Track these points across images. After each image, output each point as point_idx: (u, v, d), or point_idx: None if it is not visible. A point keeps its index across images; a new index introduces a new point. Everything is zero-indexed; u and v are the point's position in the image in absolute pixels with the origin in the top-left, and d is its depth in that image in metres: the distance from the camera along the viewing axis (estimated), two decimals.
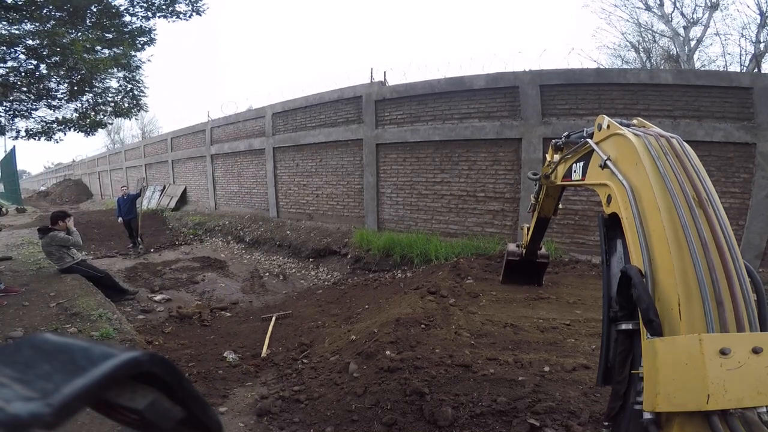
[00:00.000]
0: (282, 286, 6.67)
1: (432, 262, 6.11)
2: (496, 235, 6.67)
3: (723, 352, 0.87)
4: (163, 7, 6.63)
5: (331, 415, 2.30)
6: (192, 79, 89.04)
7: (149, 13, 6.70)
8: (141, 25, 6.89)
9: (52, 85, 6.92)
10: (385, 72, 8.31)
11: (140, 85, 7.62)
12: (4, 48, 5.98)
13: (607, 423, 1.18)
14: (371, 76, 8.24)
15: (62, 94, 7.12)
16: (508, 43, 60.16)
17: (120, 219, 8.85)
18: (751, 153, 5.46)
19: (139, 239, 9.06)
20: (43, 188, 33.47)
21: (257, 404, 2.53)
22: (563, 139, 2.22)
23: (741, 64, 13.89)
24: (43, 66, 6.39)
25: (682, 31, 14.24)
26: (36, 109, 7.31)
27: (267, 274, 7.26)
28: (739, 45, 16.92)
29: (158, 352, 3.54)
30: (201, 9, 6.88)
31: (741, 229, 5.49)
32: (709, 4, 13.39)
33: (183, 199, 14.18)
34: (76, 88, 6.92)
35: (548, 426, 1.98)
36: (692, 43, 14.26)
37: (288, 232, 8.83)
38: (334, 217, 8.92)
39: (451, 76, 7.11)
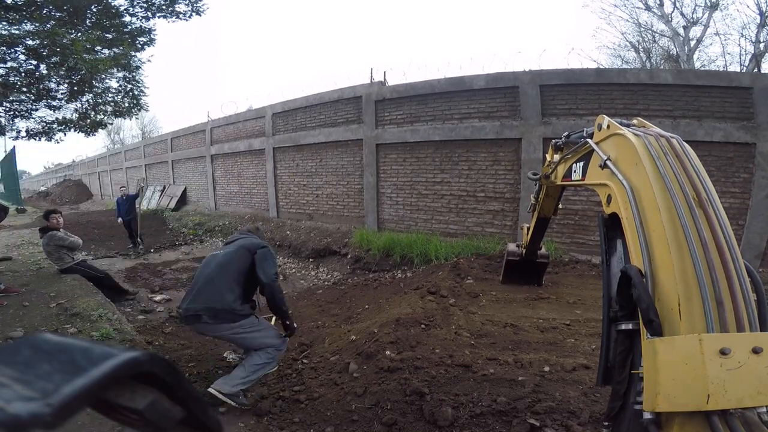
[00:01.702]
0: (282, 287, 6.66)
1: (432, 262, 6.11)
2: (496, 235, 6.67)
3: (723, 352, 0.87)
4: (163, 7, 6.63)
5: (331, 415, 2.30)
6: (192, 79, 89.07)
7: (149, 14, 6.71)
8: (141, 26, 6.90)
9: (52, 85, 6.92)
10: (385, 72, 8.32)
11: (140, 85, 7.62)
12: (4, 48, 5.99)
13: (607, 423, 1.18)
14: (371, 76, 8.24)
15: (62, 94, 7.12)
16: (508, 43, 60.20)
17: (120, 219, 8.86)
18: (751, 153, 5.46)
19: (139, 239, 9.06)
20: (43, 188, 33.48)
21: (257, 404, 2.53)
22: (563, 139, 2.22)
23: (741, 64, 13.90)
24: (43, 66, 6.39)
25: (681, 31, 14.25)
26: (36, 110, 7.31)
27: None
28: (739, 45, 16.96)
29: (158, 352, 3.54)
30: (201, 9, 6.89)
31: (741, 229, 5.49)
32: (708, 4, 13.40)
33: (183, 200, 14.19)
34: (76, 88, 6.92)
35: (548, 426, 1.98)
36: (692, 43, 14.26)
37: (288, 232, 8.83)
38: (334, 217, 8.92)
39: (451, 76, 7.11)
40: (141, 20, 6.82)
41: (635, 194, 1.24)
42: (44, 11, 5.91)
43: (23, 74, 6.46)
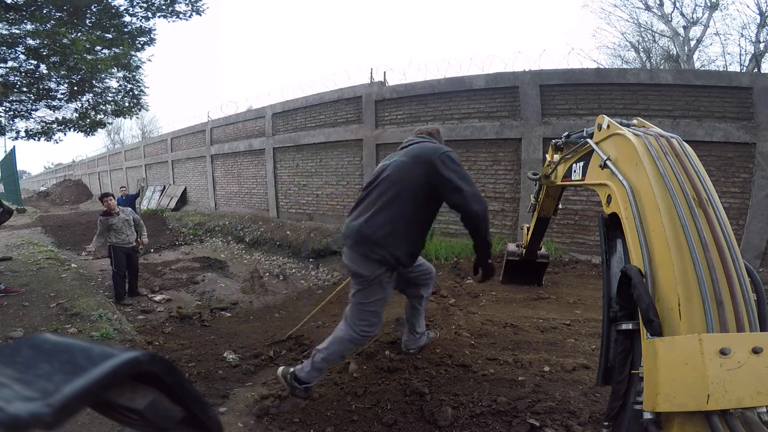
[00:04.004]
0: (282, 287, 6.66)
1: (432, 262, 6.10)
2: (496, 235, 6.67)
3: (723, 352, 0.87)
4: (163, 7, 6.64)
5: (331, 416, 2.30)
6: (192, 79, 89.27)
7: (149, 13, 6.72)
8: (141, 25, 6.91)
9: (52, 85, 6.93)
10: (385, 72, 8.32)
11: (140, 84, 7.63)
12: (4, 48, 5.99)
13: (607, 423, 1.18)
14: (371, 76, 8.24)
15: (62, 94, 7.13)
16: (508, 43, 60.35)
17: None
18: (751, 153, 5.46)
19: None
20: (43, 188, 33.47)
21: (257, 404, 2.53)
22: (563, 139, 2.22)
23: (741, 64, 13.90)
24: (43, 66, 6.39)
25: (681, 31, 14.25)
26: (36, 110, 7.32)
27: (267, 274, 7.26)
28: (739, 45, 16.97)
29: (158, 352, 3.54)
30: (201, 9, 6.89)
31: (741, 229, 5.49)
32: (708, 4, 13.40)
33: (183, 200, 14.19)
34: (76, 88, 6.93)
35: (548, 426, 1.97)
36: (692, 43, 14.27)
37: (288, 232, 8.83)
38: (334, 217, 8.92)
39: (451, 76, 7.11)
40: (141, 20, 6.83)
41: (635, 194, 1.24)
42: (44, 11, 5.91)
43: (23, 74, 6.46)
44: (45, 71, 6.49)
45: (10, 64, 6.34)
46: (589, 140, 1.64)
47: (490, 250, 2.08)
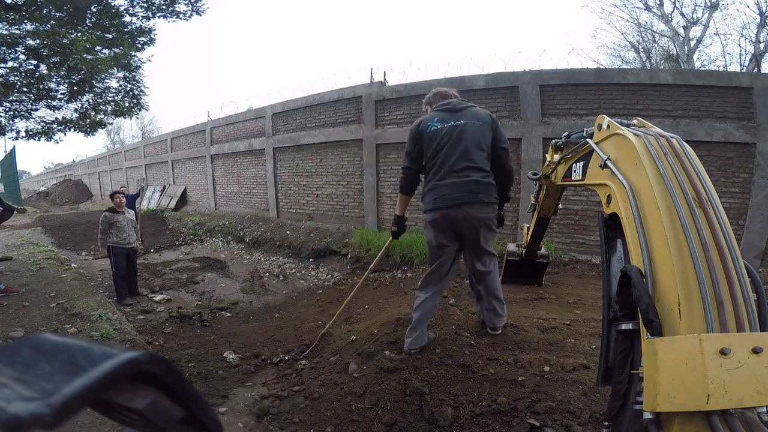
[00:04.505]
0: (282, 287, 6.67)
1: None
2: (496, 235, 6.66)
3: (723, 352, 0.87)
4: (163, 7, 6.64)
5: (331, 415, 2.30)
6: (192, 79, 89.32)
7: (149, 13, 6.72)
8: (141, 25, 6.91)
9: (52, 85, 6.94)
10: (385, 72, 8.32)
11: (140, 84, 7.64)
12: (4, 48, 5.99)
13: (607, 423, 1.18)
14: (371, 76, 8.24)
15: (62, 94, 7.13)
16: (508, 43, 60.39)
17: None
18: (751, 153, 5.46)
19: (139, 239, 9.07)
20: (43, 188, 33.47)
21: (257, 404, 2.53)
22: (563, 139, 2.21)
23: (741, 64, 13.90)
24: (43, 66, 6.40)
25: (681, 31, 14.25)
26: (36, 110, 7.33)
27: (267, 274, 7.27)
28: (739, 45, 16.97)
29: (158, 352, 3.54)
30: (201, 9, 6.90)
31: (741, 229, 5.49)
32: (708, 4, 13.40)
33: (183, 200, 14.19)
34: (76, 88, 6.93)
35: (548, 426, 1.97)
36: (692, 43, 14.27)
37: (288, 232, 8.83)
38: (334, 217, 8.92)
39: (450, 76, 7.11)
40: (141, 20, 6.84)
41: (635, 194, 1.24)
42: (44, 11, 5.91)
43: (23, 74, 6.46)
44: (45, 71, 6.49)
45: (10, 64, 6.34)
46: (589, 140, 1.64)
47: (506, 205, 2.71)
